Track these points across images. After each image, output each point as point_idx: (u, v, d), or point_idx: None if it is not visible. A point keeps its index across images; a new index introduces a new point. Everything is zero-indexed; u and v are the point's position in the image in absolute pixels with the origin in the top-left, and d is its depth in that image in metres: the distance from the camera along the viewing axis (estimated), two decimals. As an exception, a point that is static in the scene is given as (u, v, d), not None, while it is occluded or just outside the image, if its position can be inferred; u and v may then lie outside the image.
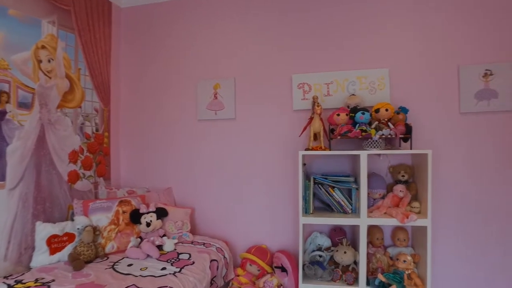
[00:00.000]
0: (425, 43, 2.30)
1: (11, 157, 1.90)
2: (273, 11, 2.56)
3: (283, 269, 2.26)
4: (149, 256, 2.07)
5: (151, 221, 2.23)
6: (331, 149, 2.20)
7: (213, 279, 2.09)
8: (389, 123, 2.05)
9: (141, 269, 1.88)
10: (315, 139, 2.19)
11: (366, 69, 2.37)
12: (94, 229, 2.06)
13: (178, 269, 1.90)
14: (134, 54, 2.88)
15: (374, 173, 2.26)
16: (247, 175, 2.62)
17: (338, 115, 2.11)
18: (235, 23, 2.65)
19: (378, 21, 2.37)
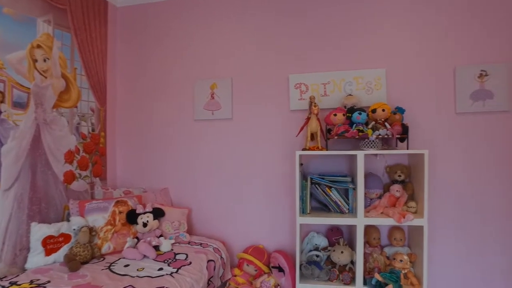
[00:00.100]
0: (422, 43, 2.31)
1: (6, 158, 1.88)
2: (270, 11, 2.56)
3: (280, 269, 2.26)
4: (145, 256, 2.06)
5: (147, 221, 2.22)
6: (328, 149, 2.21)
7: (210, 280, 2.08)
8: (386, 123, 2.06)
9: (137, 270, 1.87)
10: (312, 139, 2.19)
11: (363, 69, 2.38)
12: (90, 229, 2.05)
13: (175, 269, 1.89)
14: (130, 53, 2.87)
15: (371, 173, 2.27)
16: (244, 175, 2.62)
17: (335, 115, 2.12)
18: (232, 23, 2.65)
19: (375, 21, 2.38)
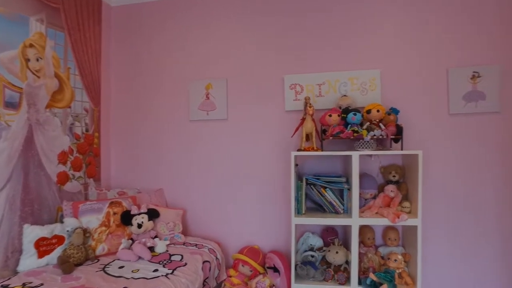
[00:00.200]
0: (416, 45, 2.33)
1: (-2, 158, 1.85)
2: (266, 13, 2.56)
3: (275, 270, 2.26)
4: (140, 258, 2.05)
5: (142, 222, 2.21)
6: (323, 149, 2.21)
7: (206, 280, 2.08)
8: (381, 124, 2.07)
9: (132, 271, 1.86)
10: (307, 140, 2.20)
11: (357, 70, 2.39)
12: (84, 231, 2.03)
13: (170, 270, 1.88)
14: (125, 53, 2.85)
15: (365, 174, 2.28)
16: (239, 176, 2.61)
17: (330, 115, 2.13)
18: (227, 23, 2.64)
19: (370, 23, 2.40)
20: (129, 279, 1.75)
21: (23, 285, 1.63)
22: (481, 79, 2.22)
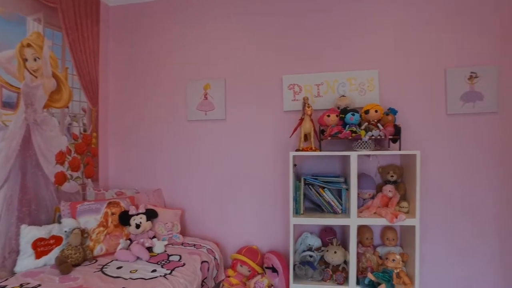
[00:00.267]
0: (414, 45, 2.34)
1: (-5, 159, 1.85)
2: (264, 13, 2.56)
3: (273, 270, 2.26)
4: (139, 258, 2.04)
5: (140, 222, 2.20)
6: (321, 150, 2.22)
7: (204, 281, 2.07)
8: (379, 124, 2.07)
9: (131, 272, 1.85)
10: (306, 140, 2.20)
11: (356, 70, 2.40)
12: (82, 231, 2.02)
13: (168, 271, 1.88)
14: (123, 53, 2.84)
15: (363, 174, 2.29)
16: (238, 176, 2.61)
17: (328, 116, 2.13)
18: (226, 23, 2.64)
19: (368, 24, 2.40)
20: (127, 279, 1.75)
21: (21, 286, 1.63)
22: (478, 79, 2.23)
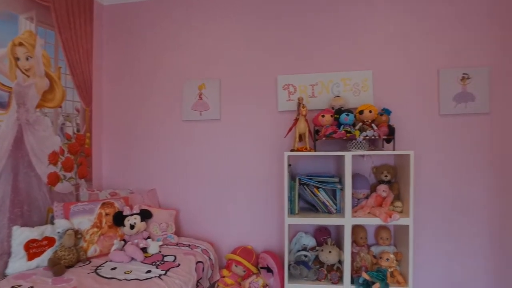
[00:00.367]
0: (407, 47, 2.37)
1: (-14, 159, 1.82)
2: (259, 13, 2.57)
3: (268, 270, 2.27)
4: (133, 259, 2.03)
5: (135, 223, 2.19)
6: (316, 150, 2.23)
7: (199, 281, 2.07)
8: (373, 125, 2.09)
9: (125, 273, 1.84)
10: (300, 140, 2.21)
11: (350, 71, 2.41)
12: (75, 232, 2.00)
13: (163, 271, 1.87)
14: (117, 52, 2.82)
15: (358, 174, 2.30)
16: (232, 176, 2.61)
17: (323, 116, 2.14)
18: (220, 24, 2.64)
19: (362, 24, 2.42)
20: (121, 280, 1.74)
21: (13, 288, 1.61)
22: (470, 80, 2.26)
